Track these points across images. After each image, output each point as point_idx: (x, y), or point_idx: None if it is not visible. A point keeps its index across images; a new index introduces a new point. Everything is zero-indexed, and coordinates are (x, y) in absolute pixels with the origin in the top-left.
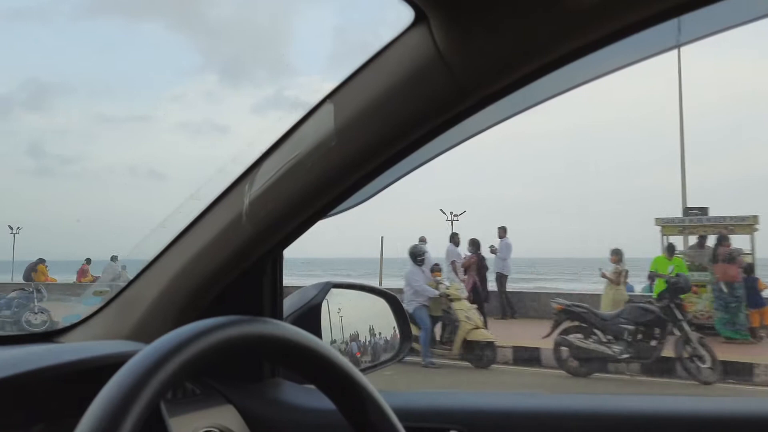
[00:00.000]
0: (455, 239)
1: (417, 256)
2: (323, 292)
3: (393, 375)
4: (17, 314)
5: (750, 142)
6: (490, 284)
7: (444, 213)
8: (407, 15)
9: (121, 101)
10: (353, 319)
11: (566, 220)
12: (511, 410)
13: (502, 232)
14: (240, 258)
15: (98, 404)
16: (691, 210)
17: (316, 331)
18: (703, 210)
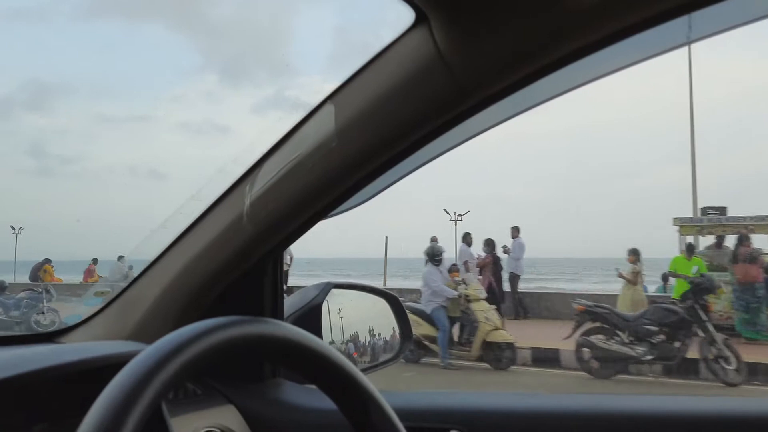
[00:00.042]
0: (468, 239)
1: (434, 256)
2: (324, 293)
3: (415, 376)
4: (26, 314)
5: (749, 140)
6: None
7: (448, 213)
8: (408, 16)
9: (122, 101)
10: (354, 320)
11: (567, 220)
12: (512, 410)
13: (515, 232)
14: (241, 258)
15: (100, 404)
16: (709, 210)
17: (317, 332)
18: (721, 210)
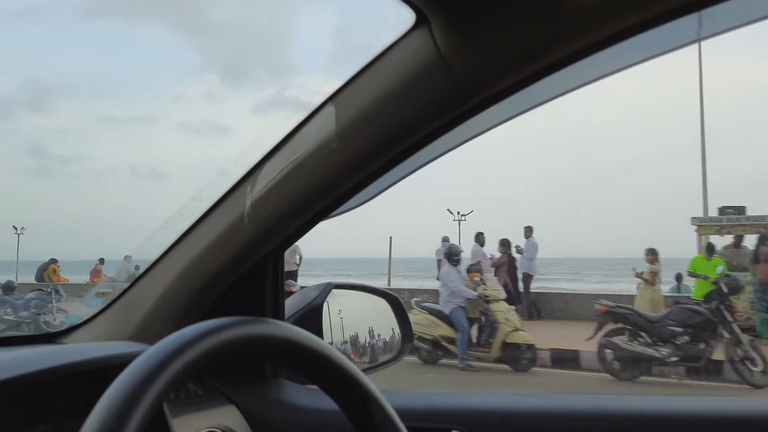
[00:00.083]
0: (480, 239)
1: (453, 256)
2: (324, 293)
3: (435, 377)
4: (35, 315)
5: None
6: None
7: (451, 213)
8: (408, 17)
9: (122, 101)
10: (354, 320)
11: (566, 220)
12: (512, 410)
13: (528, 232)
14: (242, 259)
15: (103, 405)
16: (728, 209)
17: (318, 332)
18: (740, 209)
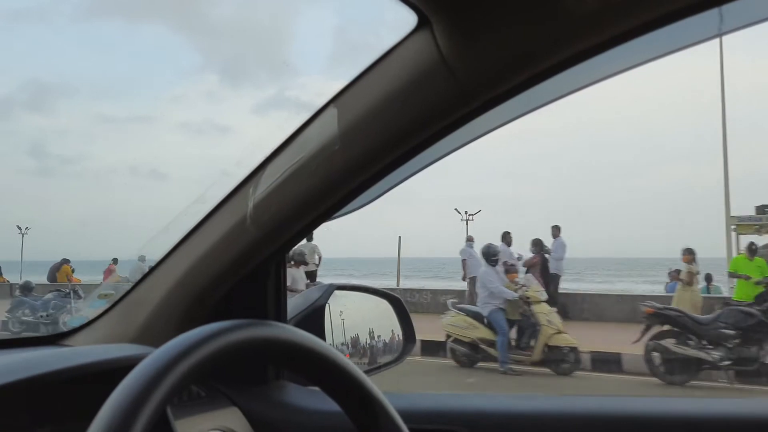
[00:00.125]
0: (507, 238)
1: (491, 257)
2: (327, 294)
3: (479, 382)
4: (54, 315)
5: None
6: None
7: (459, 212)
8: (410, 19)
9: (122, 102)
10: (356, 321)
11: (568, 220)
12: (515, 412)
13: (556, 231)
14: (244, 261)
15: (108, 408)
16: (766, 207)
17: (320, 333)
18: None
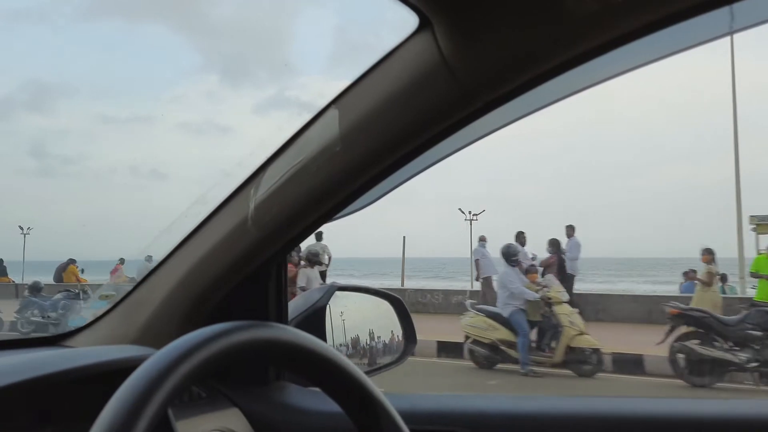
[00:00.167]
0: (521, 238)
1: (511, 257)
2: (327, 295)
3: (502, 385)
4: (63, 316)
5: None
6: None
7: (463, 212)
8: (411, 20)
9: (122, 102)
10: (357, 322)
11: (568, 220)
12: (516, 413)
13: (571, 231)
14: (245, 262)
15: (110, 409)
16: None
17: (321, 334)
18: None
